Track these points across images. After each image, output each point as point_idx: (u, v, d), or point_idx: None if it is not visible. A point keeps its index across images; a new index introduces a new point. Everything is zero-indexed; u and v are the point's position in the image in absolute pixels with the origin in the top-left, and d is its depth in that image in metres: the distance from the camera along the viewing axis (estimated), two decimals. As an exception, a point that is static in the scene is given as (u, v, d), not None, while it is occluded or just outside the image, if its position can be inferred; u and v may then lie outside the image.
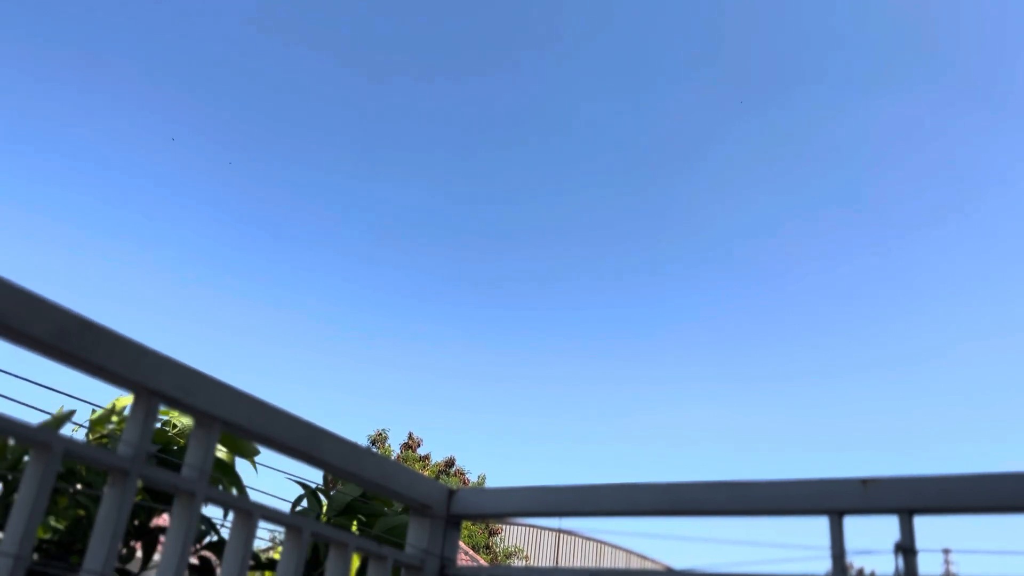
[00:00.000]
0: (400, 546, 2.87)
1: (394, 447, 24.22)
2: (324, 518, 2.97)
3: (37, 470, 0.86)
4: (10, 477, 2.39)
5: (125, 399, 2.95)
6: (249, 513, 1.11)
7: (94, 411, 2.66)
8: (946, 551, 1.14)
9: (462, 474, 23.89)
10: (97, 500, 2.49)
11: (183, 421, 2.79)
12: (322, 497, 3.10)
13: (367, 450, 1.31)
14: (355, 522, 2.99)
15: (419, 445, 24.43)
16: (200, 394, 1.04)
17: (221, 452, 2.80)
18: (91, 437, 2.68)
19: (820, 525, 1.17)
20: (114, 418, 2.86)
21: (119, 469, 0.94)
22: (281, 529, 1.22)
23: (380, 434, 24.49)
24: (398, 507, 3.11)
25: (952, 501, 1.10)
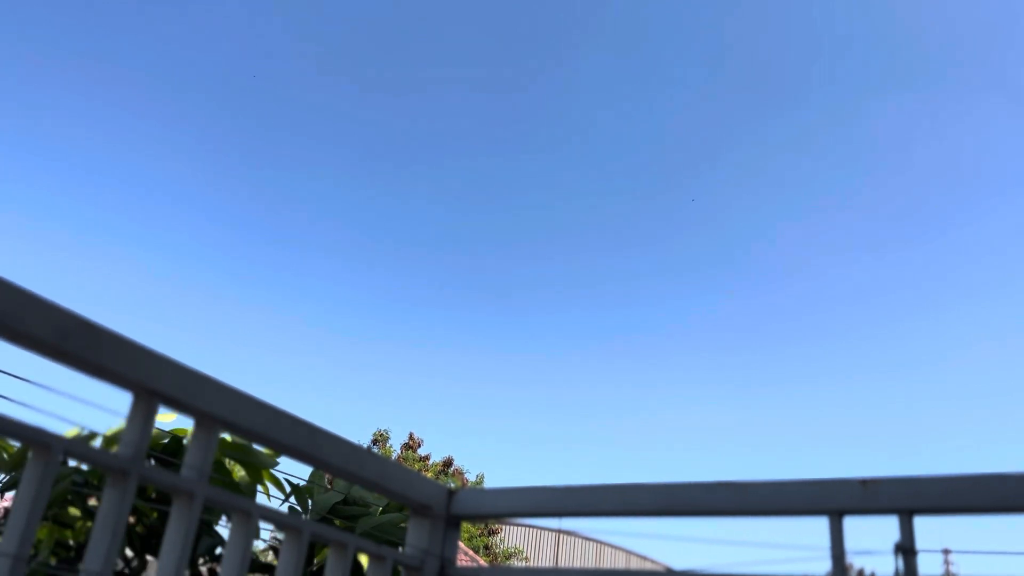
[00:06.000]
0: (388, 543, 2.89)
1: (395, 447, 24.22)
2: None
3: (37, 470, 0.86)
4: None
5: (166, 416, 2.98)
6: (248, 514, 1.11)
7: (105, 432, 2.67)
8: (946, 551, 1.14)
9: (461, 474, 23.87)
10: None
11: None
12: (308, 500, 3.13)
13: (367, 450, 1.31)
14: (338, 522, 3.04)
15: (420, 445, 24.41)
16: (200, 395, 1.04)
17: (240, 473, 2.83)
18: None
19: (820, 525, 1.17)
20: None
21: (119, 469, 0.94)
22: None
23: (381, 434, 24.49)
24: (378, 507, 3.15)
25: (952, 501, 1.10)
